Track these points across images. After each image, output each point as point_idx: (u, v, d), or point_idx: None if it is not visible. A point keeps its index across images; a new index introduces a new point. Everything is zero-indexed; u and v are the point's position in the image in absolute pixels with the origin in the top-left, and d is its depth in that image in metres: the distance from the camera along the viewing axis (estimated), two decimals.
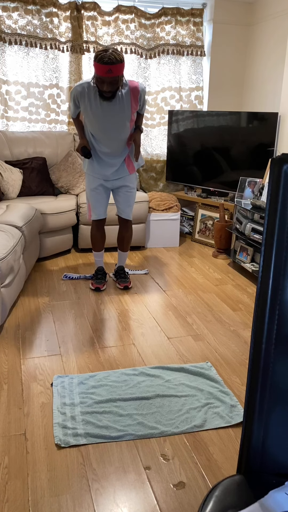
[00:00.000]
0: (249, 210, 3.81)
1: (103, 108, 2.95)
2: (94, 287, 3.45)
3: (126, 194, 3.34)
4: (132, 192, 3.36)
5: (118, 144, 3.11)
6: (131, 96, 2.97)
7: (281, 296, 0.94)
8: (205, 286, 3.60)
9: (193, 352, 2.59)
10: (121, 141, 3.11)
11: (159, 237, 4.54)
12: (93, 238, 3.45)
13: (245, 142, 4.41)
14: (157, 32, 4.63)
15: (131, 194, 3.36)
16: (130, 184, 3.32)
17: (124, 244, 3.52)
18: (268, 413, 0.98)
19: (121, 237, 3.50)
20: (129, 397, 2.14)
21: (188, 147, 4.76)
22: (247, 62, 4.88)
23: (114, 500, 1.61)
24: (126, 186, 3.32)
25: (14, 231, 3.08)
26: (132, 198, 3.38)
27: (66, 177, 4.41)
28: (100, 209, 3.34)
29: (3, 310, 2.71)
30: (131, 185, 3.33)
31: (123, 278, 3.53)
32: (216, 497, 0.95)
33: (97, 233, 3.42)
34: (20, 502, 1.59)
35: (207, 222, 4.71)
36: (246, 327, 2.92)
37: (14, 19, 4.24)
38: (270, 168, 0.92)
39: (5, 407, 2.08)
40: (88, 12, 4.40)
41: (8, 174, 4.07)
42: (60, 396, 2.14)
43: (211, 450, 1.85)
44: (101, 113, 2.96)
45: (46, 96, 4.53)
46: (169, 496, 1.63)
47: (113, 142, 3.09)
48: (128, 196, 3.35)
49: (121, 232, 3.49)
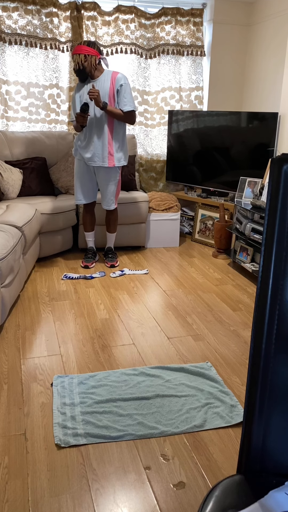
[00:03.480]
0: (249, 210, 3.81)
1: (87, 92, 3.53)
2: (84, 265, 3.89)
3: (103, 187, 3.75)
4: (109, 185, 3.73)
5: (98, 128, 3.57)
6: (111, 79, 3.52)
7: (281, 296, 0.94)
8: (205, 286, 3.60)
9: (193, 352, 2.59)
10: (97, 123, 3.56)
11: (159, 237, 4.54)
12: (83, 220, 3.97)
13: (245, 142, 4.41)
14: (157, 32, 4.63)
15: (108, 187, 3.74)
16: (108, 177, 3.70)
17: (110, 226, 3.98)
18: (268, 413, 0.98)
19: (107, 220, 3.97)
20: (129, 397, 2.14)
21: (188, 147, 4.76)
22: (247, 62, 4.88)
23: (114, 500, 1.61)
24: (105, 179, 3.71)
25: (14, 231, 3.08)
26: (109, 191, 3.75)
27: (66, 177, 4.41)
28: (81, 195, 3.79)
29: (3, 310, 2.71)
30: (109, 178, 3.71)
31: (110, 257, 3.99)
32: (216, 497, 0.95)
33: (86, 215, 3.93)
34: (20, 502, 1.59)
35: (207, 222, 4.71)
36: (246, 327, 2.92)
37: (14, 19, 4.24)
38: (270, 168, 0.92)
39: (5, 407, 2.08)
40: (88, 12, 4.40)
41: (8, 174, 4.07)
42: (60, 396, 2.14)
43: (211, 450, 1.85)
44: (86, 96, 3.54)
45: (46, 96, 4.53)
46: (169, 496, 1.63)
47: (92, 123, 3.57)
48: (105, 189, 3.75)
49: (107, 215, 3.96)
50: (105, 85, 3.50)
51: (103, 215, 4.16)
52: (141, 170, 4.99)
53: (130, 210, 4.21)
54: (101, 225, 4.21)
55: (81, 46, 3.44)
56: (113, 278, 3.70)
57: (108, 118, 3.54)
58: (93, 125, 3.57)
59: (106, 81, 3.51)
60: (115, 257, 4.01)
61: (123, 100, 3.49)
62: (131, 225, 4.31)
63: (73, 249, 4.40)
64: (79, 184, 3.76)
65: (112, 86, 3.50)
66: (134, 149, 4.72)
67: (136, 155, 4.74)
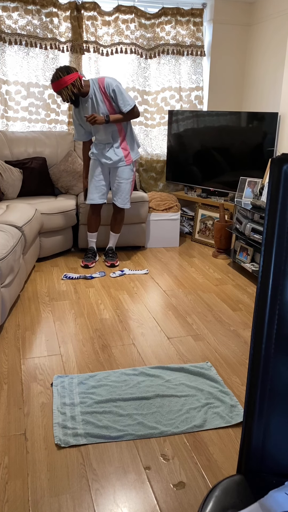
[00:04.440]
0: (249, 210, 3.81)
1: (82, 112, 3.59)
2: (83, 264, 3.87)
3: (119, 186, 3.77)
4: (123, 183, 3.76)
5: (106, 136, 3.63)
6: (101, 92, 3.49)
7: (281, 296, 0.94)
8: (205, 286, 3.60)
9: (193, 352, 2.59)
10: (108, 133, 3.62)
11: (159, 237, 4.54)
12: (88, 220, 3.94)
13: (245, 142, 4.41)
14: (157, 32, 4.63)
15: (122, 185, 3.76)
16: (122, 175, 3.74)
17: (115, 226, 3.98)
18: (268, 413, 0.98)
19: (113, 219, 3.96)
20: (129, 397, 2.14)
21: (188, 147, 4.76)
22: (247, 62, 4.88)
23: (114, 500, 1.61)
24: (118, 177, 3.74)
25: (14, 231, 3.08)
26: (123, 190, 3.78)
27: (66, 177, 4.41)
28: (95, 194, 3.78)
29: (3, 310, 2.71)
30: (123, 176, 3.74)
31: (110, 257, 3.99)
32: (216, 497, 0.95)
33: (92, 216, 3.90)
34: (20, 502, 1.59)
35: (207, 222, 4.71)
36: (246, 327, 2.92)
37: (14, 19, 4.24)
38: (270, 168, 0.92)
39: (5, 407, 2.08)
40: (88, 12, 4.40)
41: (8, 174, 4.07)
42: (60, 396, 2.14)
43: (211, 450, 1.85)
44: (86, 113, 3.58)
45: (46, 96, 4.53)
46: (169, 496, 1.63)
47: (101, 134, 3.63)
48: (121, 187, 3.77)
49: (114, 215, 3.95)
50: (98, 97, 3.49)
51: (106, 216, 4.15)
52: (141, 170, 4.99)
53: (130, 210, 4.21)
54: (104, 225, 4.21)
55: (59, 80, 3.34)
56: (113, 278, 3.70)
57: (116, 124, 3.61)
58: (104, 137, 3.63)
59: (97, 93, 3.49)
60: (115, 257, 4.02)
61: (120, 103, 3.49)
62: (131, 225, 4.31)
63: (73, 249, 4.40)
64: (94, 184, 3.77)
65: (105, 94, 3.49)
66: None
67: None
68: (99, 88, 3.48)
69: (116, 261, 3.96)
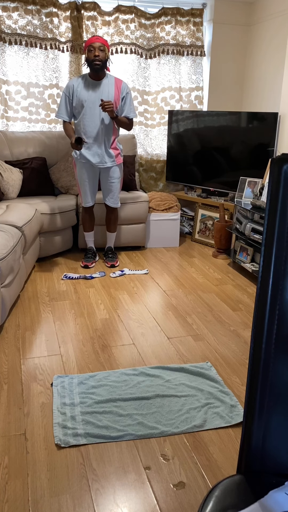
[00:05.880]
0: (249, 210, 3.81)
1: (90, 93, 3.51)
2: (83, 265, 3.89)
3: (110, 185, 3.77)
4: (114, 183, 3.78)
5: (102, 132, 3.59)
6: (115, 86, 3.54)
7: (281, 296, 0.94)
8: (205, 286, 3.60)
9: (193, 352, 2.59)
10: (104, 128, 3.58)
11: (159, 237, 4.54)
12: (83, 220, 3.97)
13: (245, 142, 4.41)
14: (157, 32, 4.63)
15: (114, 185, 3.78)
16: (114, 175, 3.75)
17: (111, 225, 3.99)
18: (268, 413, 0.98)
19: (108, 219, 3.97)
20: (129, 397, 2.14)
21: (188, 147, 4.76)
22: (247, 62, 4.88)
23: (114, 500, 1.61)
24: (111, 177, 3.74)
25: (14, 231, 3.08)
26: (115, 189, 3.80)
27: (66, 177, 4.41)
28: (88, 197, 3.81)
29: (3, 310, 2.71)
30: (114, 176, 3.75)
31: (110, 257, 4.00)
32: (216, 497, 0.95)
33: (85, 215, 3.92)
34: (20, 502, 1.59)
35: (207, 222, 4.71)
36: (246, 327, 2.92)
37: (14, 19, 4.24)
38: (270, 168, 0.92)
39: (5, 407, 2.08)
40: (88, 12, 4.40)
41: (8, 174, 4.07)
42: (60, 396, 2.14)
43: (211, 450, 1.85)
44: (89, 97, 3.51)
45: (46, 96, 4.53)
46: (169, 496, 1.63)
47: (97, 128, 3.57)
48: (112, 187, 3.78)
49: (108, 215, 3.96)
50: (110, 90, 3.53)
51: (102, 215, 4.16)
52: (141, 170, 4.99)
53: (130, 210, 4.21)
54: (101, 225, 4.21)
55: (98, 36, 3.41)
56: (113, 278, 3.70)
57: (113, 123, 3.61)
58: (99, 132, 3.59)
59: (111, 86, 3.53)
60: (115, 257, 4.02)
61: (128, 108, 3.58)
62: (131, 225, 4.31)
63: (73, 249, 4.40)
64: (87, 187, 3.76)
65: (118, 93, 3.55)
66: (134, 149, 4.72)
67: (136, 155, 4.74)
68: (114, 84, 3.54)
69: (116, 261, 3.97)
